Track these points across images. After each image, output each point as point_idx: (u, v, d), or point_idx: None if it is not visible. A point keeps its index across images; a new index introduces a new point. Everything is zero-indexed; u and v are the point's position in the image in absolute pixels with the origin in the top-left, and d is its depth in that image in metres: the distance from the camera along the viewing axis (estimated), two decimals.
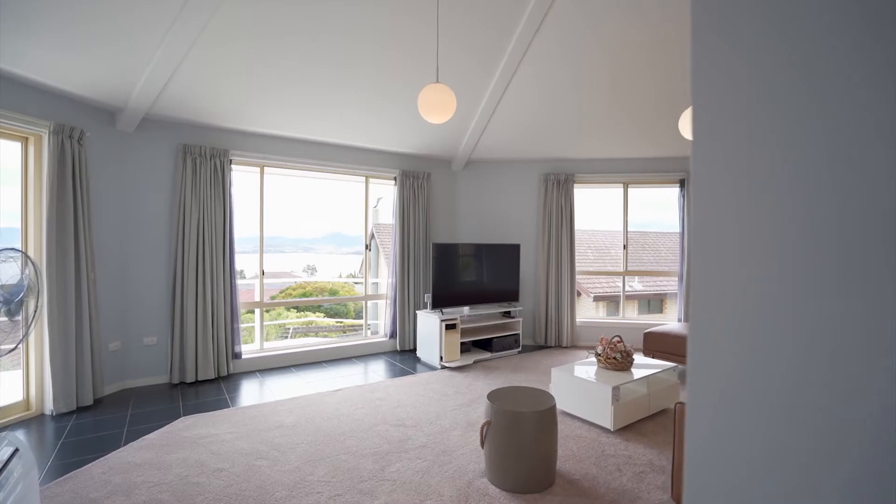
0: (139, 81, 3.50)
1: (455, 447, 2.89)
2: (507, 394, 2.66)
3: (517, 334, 5.36)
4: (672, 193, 5.74)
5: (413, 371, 4.67)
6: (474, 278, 5.26)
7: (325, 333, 10.10)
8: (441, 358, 4.74)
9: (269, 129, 4.53)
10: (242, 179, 4.70)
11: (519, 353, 5.38)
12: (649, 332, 4.67)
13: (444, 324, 4.74)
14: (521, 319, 5.42)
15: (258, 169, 4.73)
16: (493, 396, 2.61)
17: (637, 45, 4.11)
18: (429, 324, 4.92)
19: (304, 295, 11.37)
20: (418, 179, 5.52)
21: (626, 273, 5.87)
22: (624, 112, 4.87)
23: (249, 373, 4.54)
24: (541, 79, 4.50)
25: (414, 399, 3.79)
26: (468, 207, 6.00)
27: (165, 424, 3.19)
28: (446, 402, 3.71)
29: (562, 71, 4.40)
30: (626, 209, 5.84)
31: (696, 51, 0.44)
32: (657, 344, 4.55)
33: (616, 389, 3.15)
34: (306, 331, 10.10)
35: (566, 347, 5.66)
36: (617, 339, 3.62)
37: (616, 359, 3.50)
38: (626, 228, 5.86)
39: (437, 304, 4.91)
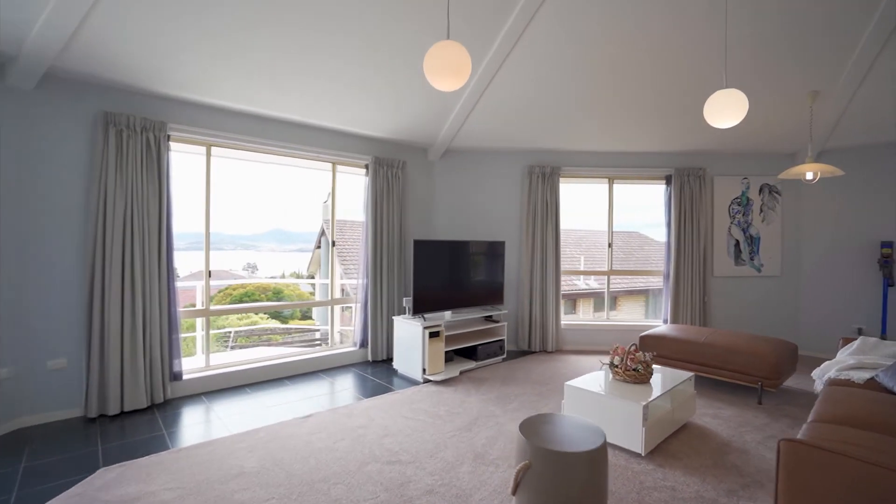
0: (37, 20, 2.62)
1: (470, 490, 2.34)
2: (542, 425, 2.15)
3: (502, 340, 4.90)
4: (658, 190, 5.52)
5: (392, 386, 4.05)
6: (458, 279, 4.72)
7: (271, 336, 9.13)
8: (424, 370, 4.16)
9: (218, 100, 3.71)
10: (181, 161, 3.84)
11: (504, 360, 4.92)
12: (646, 336, 4.37)
13: (427, 332, 4.16)
14: (505, 324, 4.96)
15: (204, 148, 3.89)
16: (527, 430, 2.09)
17: (636, 37, 3.76)
18: (409, 331, 4.32)
19: (245, 296, 10.29)
20: (393, 168, 4.89)
21: (612, 273, 5.59)
22: (616, 103, 4.53)
23: (193, 397, 3.71)
24: (536, 62, 4.04)
25: (402, 424, 3.19)
26: (446, 201, 5.44)
27: (77, 481, 2.37)
28: (442, 427, 3.15)
29: (558, 54, 3.96)
30: (611, 205, 5.55)
31: None
32: (654, 348, 4.25)
33: (646, 408, 2.74)
34: (248, 332, 9.06)
35: (551, 352, 5.28)
36: (634, 347, 3.23)
37: (637, 370, 3.10)
38: (610, 225, 5.57)
39: (419, 308, 4.32)
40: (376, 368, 4.61)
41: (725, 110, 3.01)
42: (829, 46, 3.81)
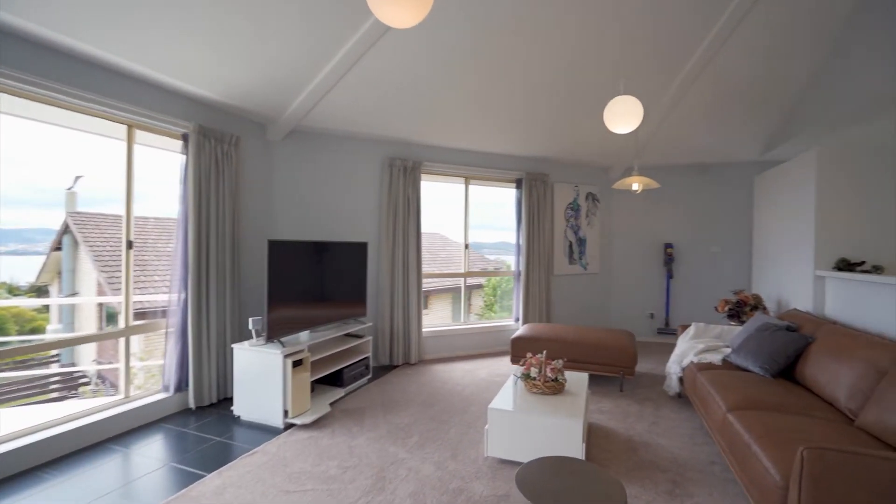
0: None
1: None
2: (543, 475, 1.67)
3: (367, 358, 4.19)
4: (510, 193, 5.67)
5: (242, 443, 2.91)
6: (319, 289, 3.78)
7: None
8: (286, 413, 3.14)
9: None
10: None
11: (370, 381, 4.22)
12: (518, 338, 4.35)
13: (289, 361, 3.15)
14: (370, 338, 4.26)
15: None
16: (526, 486, 1.58)
17: (504, 42, 3.62)
18: (261, 363, 3.20)
19: None
20: (223, 144, 3.60)
21: (468, 275, 5.48)
22: (479, 103, 4.32)
23: None
24: (413, 47, 3.46)
25: None
26: (289, 193, 4.37)
27: None
28: (345, 495, 2.32)
29: (434, 43, 3.44)
30: (466, 205, 5.43)
31: None
32: (530, 349, 4.24)
33: (586, 422, 2.56)
34: None
35: (414, 364, 4.82)
36: (545, 355, 3.04)
37: (557, 381, 2.92)
38: (466, 225, 5.45)
39: (276, 331, 3.25)
40: (205, 419, 3.29)
41: (625, 116, 3.12)
42: (648, 84, 4.34)
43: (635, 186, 4.71)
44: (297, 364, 3.22)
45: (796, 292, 3.88)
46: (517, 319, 5.57)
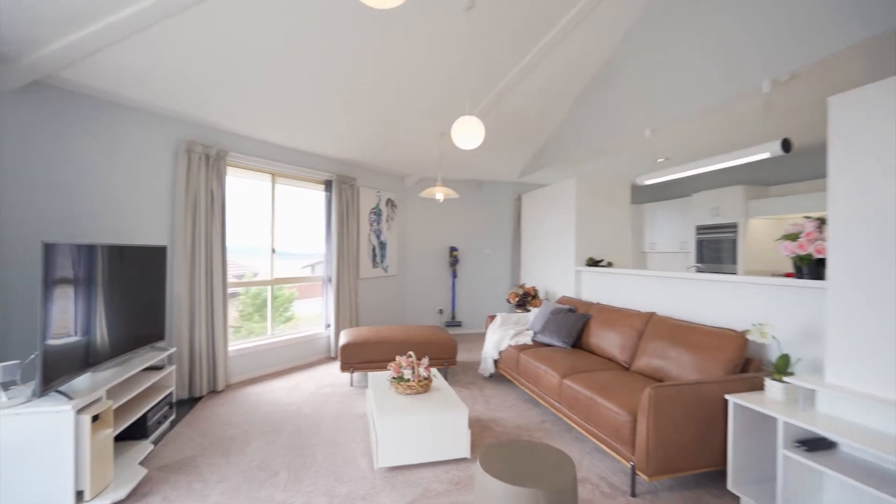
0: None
1: None
2: (503, 459, 1.83)
3: (171, 393, 3.29)
4: (319, 195, 5.38)
5: None
6: (102, 313, 2.72)
7: None
8: (80, 495, 2.18)
9: None
10: None
11: (173, 422, 3.32)
12: (347, 345, 4.25)
13: (85, 417, 2.20)
14: (174, 368, 3.36)
15: None
16: (493, 470, 1.74)
17: (334, 39, 3.21)
18: (32, 429, 2.11)
19: None
20: None
21: (275, 282, 4.92)
22: (295, 92, 3.82)
23: None
24: (251, 10, 2.91)
25: None
26: (28, 172, 2.97)
27: None
28: None
29: (276, 13, 2.89)
30: (273, 204, 4.88)
31: None
32: (360, 355, 4.23)
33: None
34: None
35: (221, 391, 4.04)
36: (410, 356, 3.15)
37: (429, 378, 3.06)
38: (273, 227, 4.89)
39: (53, 374, 2.20)
40: None
41: (470, 134, 3.50)
42: (452, 110, 4.87)
43: (439, 196, 5.28)
44: (96, 419, 2.27)
45: (561, 283, 5.22)
46: (328, 326, 5.35)
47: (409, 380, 3.00)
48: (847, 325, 2.02)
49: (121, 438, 2.80)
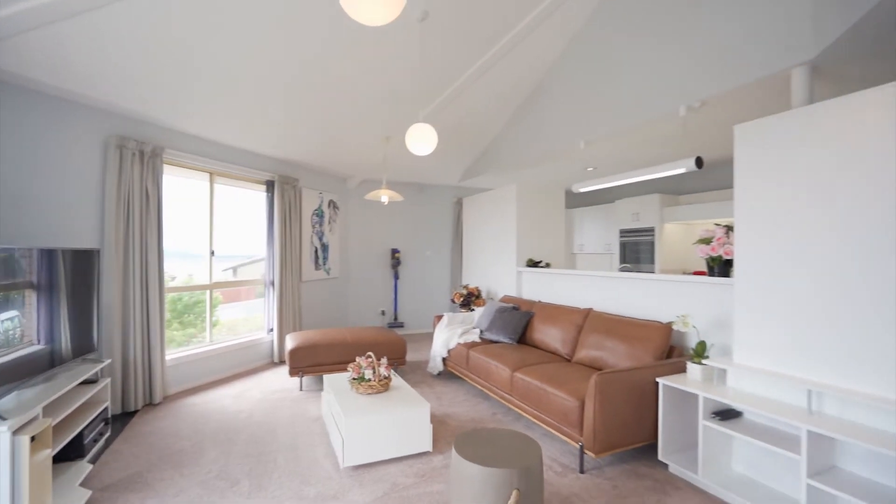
0: None
1: None
2: (477, 442, 1.99)
3: (106, 408, 3.06)
4: (260, 196, 5.19)
5: None
6: (29, 322, 2.48)
7: None
8: None
9: None
10: None
11: (108, 439, 3.09)
12: (296, 349, 4.19)
13: (23, 438, 2.03)
14: (109, 381, 3.11)
15: None
16: (468, 455, 1.91)
17: (281, 36, 3.17)
18: None
19: None
20: None
21: (214, 286, 4.67)
22: (243, 87, 3.68)
23: None
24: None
25: None
26: None
27: None
28: None
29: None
30: (211, 205, 4.64)
31: None
32: (310, 358, 4.20)
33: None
34: None
35: (159, 403, 3.79)
36: (369, 356, 3.21)
37: (389, 377, 3.14)
38: (211, 228, 4.65)
39: None
40: None
41: (424, 140, 3.62)
42: (400, 114, 4.97)
43: (384, 198, 5.35)
44: (31, 440, 2.08)
45: (503, 283, 5.51)
46: (270, 330, 5.19)
47: (370, 380, 3.06)
48: (749, 314, 2.45)
49: (55, 460, 2.57)
